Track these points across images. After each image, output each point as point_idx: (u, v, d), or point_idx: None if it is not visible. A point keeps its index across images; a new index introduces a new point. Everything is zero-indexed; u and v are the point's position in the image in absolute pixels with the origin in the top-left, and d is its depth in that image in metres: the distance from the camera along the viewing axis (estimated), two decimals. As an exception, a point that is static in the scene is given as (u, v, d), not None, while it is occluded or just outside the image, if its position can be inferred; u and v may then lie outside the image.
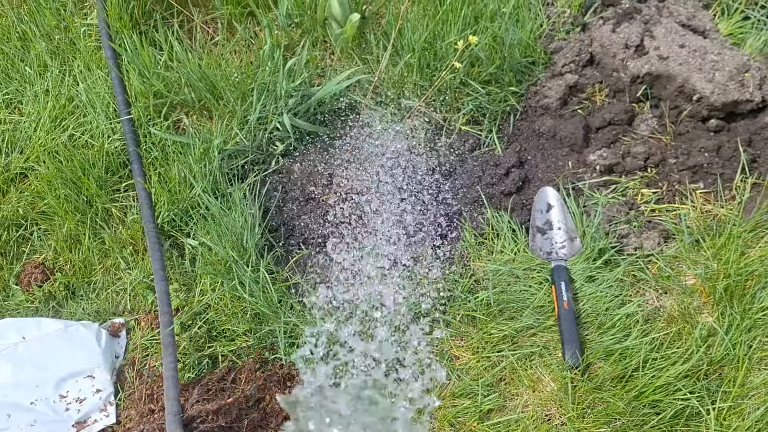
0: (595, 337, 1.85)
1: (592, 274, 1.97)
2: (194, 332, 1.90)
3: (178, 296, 1.99)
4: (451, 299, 1.91)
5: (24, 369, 1.85)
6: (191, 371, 1.86)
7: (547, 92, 2.43)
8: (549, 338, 1.87)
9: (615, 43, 2.46)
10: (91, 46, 2.46)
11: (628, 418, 1.69)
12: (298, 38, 2.56)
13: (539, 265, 2.03)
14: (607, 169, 2.27)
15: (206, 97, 2.31)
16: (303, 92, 2.40)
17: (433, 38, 2.41)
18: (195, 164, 2.13)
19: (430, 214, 2.20)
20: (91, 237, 2.09)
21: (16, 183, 2.23)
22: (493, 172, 2.36)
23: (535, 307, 1.92)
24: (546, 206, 2.19)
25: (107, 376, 1.86)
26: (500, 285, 1.97)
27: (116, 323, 1.98)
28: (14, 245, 2.12)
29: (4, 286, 2.04)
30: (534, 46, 2.47)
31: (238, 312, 1.91)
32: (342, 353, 1.59)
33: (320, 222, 2.20)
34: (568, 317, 1.85)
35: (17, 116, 2.36)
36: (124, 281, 2.04)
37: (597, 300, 1.92)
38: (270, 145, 2.38)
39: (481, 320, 1.89)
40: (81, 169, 2.15)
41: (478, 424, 1.73)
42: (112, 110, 2.32)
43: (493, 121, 2.46)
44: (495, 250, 2.08)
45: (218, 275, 1.95)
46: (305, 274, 2.05)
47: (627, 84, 2.41)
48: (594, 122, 2.39)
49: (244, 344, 1.86)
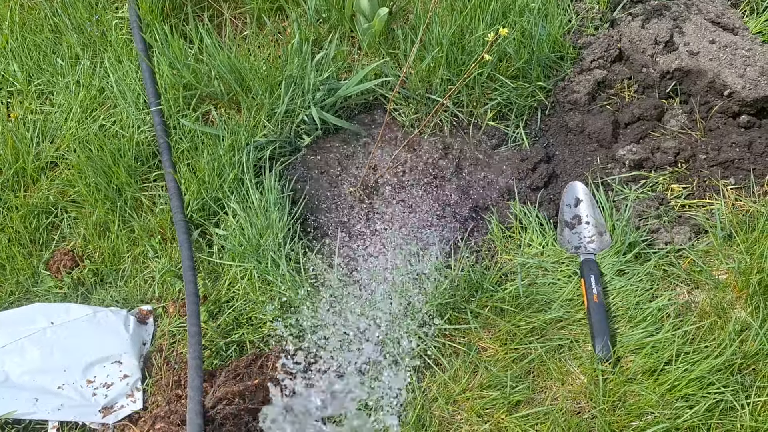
0: (625, 331, 1.82)
1: (622, 267, 1.95)
2: (222, 320, 1.90)
3: (206, 285, 1.99)
4: (479, 291, 1.90)
5: (52, 353, 1.86)
6: (217, 357, 1.86)
7: (575, 87, 2.42)
8: (578, 331, 1.85)
9: (644, 39, 2.45)
10: (122, 39, 2.49)
11: (660, 411, 1.66)
12: (325, 33, 2.57)
13: (568, 259, 2.01)
14: (636, 164, 2.25)
15: (235, 90, 2.33)
16: (330, 86, 2.41)
17: (461, 33, 2.41)
18: (224, 155, 2.14)
19: (458, 208, 2.19)
20: (120, 225, 2.10)
21: (46, 171, 2.25)
22: (521, 167, 2.35)
23: (564, 300, 1.90)
24: (574, 201, 2.17)
25: (135, 362, 1.87)
26: (529, 277, 1.95)
27: (144, 310, 1.99)
28: (44, 232, 2.13)
29: (33, 273, 2.06)
30: (562, 41, 2.46)
31: (266, 300, 1.91)
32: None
33: (347, 212, 2.20)
34: (598, 310, 1.83)
35: (48, 107, 2.39)
36: (152, 269, 2.05)
37: (627, 294, 1.90)
38: (297, 137, 2.39)
39: (510, 312, 1.87)
40: (111, 158, 2.16)
41: (506, 416, 1.71)
42: (142, 102, 2.35)
43: (520, 116, 2.45)
44: (523, 243, 2.07)
45: (248, 260, 1.95)
46: (330, 263, 2.04)
47: (656, 79, 2.39)
48: (623, 118, 2.37)
49: (272, 332, 1.86)
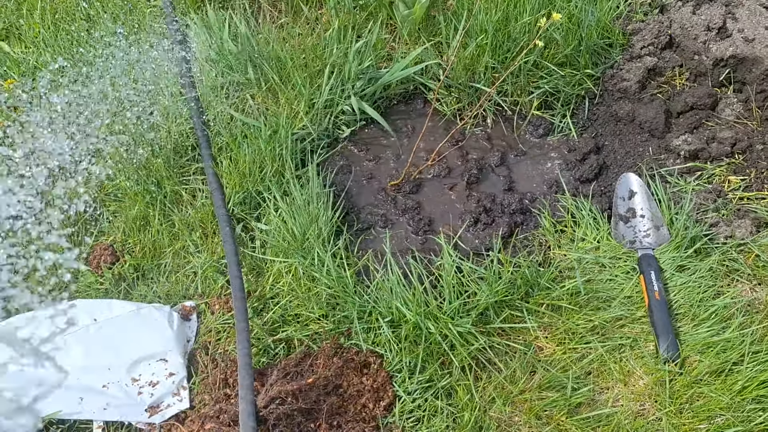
0: (689, 330, 1.75)
1: (683, 263, 1.87)
2: (268, 317, 1.85)
3: (249, 280, 1.94)
4: (535, 288, 1.83)
5: (96, 351, 1.81)
6: (265, 355, 1.80)
7: (625, 75, 2.33)
8: (639, 329, 1.78)
9: (696, 25, 2.35)
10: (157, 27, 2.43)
11: (731, 414, 1.59)
12: (363, 21, 2.49)
13: (625, 254, 1.93)
14: (691, 155, 2.16)
15: (273, 79, 2.26)
16: (370, 75, 2.34)
17: (505, 18, 2.33)
18: (265, 146, 2.08)
19: (505, 201, 2.11)
20: (160, 219, 2.05)
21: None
22: (569, 158, 2.27)
23: (624, 297, 1.82)
24: (628, 193, 2.09)
25: (180, 359, 1.81)
26: (585, 274, 1.88)
27: (187, 306, 1.93)
28: (83, 227, 2.09)
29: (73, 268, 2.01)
30: (611, 27, 2.37)
31: (311, 296, 1.86)
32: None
33: (388, 206, 2.14)
34: (660, 308, 1.75)
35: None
36: (194, 264, 2.00)
37: (689, 291, 1.82)
38: (336, 129, 2.32)
39: (567, 310, 1.80)
40: (150, 150, 2.11)
41: (566, 418, 1.65)
42: (178, 91, 2.28)
43: (567, 105, 2.37)
44: (576, 238, 1.99)
45: (293, 256, 1.89)
46: (375, 256, 1.98)
47: (709, 67, 2.30)
48: (675, 107, 2.28)
49: (320, 329, 1.80)
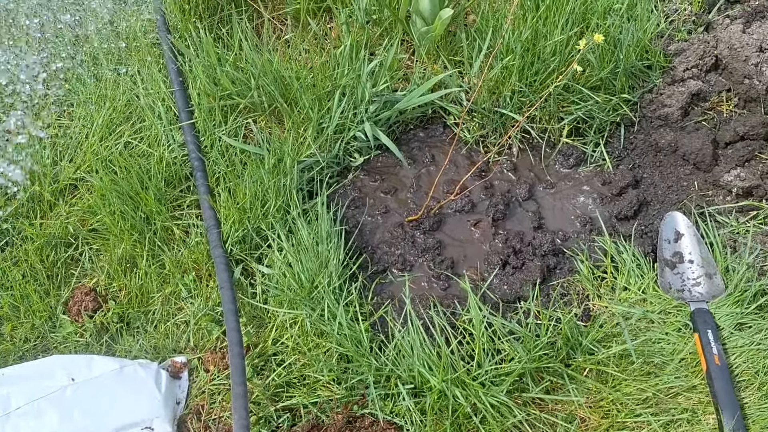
0: (756, 401, 1.52)
1: (744, 320, 1.64)
2: (269, 379, 1.62)
3: (248, 332, 1.71)
4: (577, 350, 1.60)
5: (73, 417, 1.58)
6: (266, 426, 1.57)
7: (666, 100, 2.11)
8: (696, 400, 1.55)
9: (746, 46, 2.13)
10: (148, 44, 2.20)
11: None
12: (377, 38, 2.27)
13: (675, 308, 1.70)
14: (745, 192, 1.93)
15: (278, 102, 2.04)
16: (386, 98, 2.11)
17: (534, 37, 2.10)
18: (268, 178, 1.86)
19: (534, 242, 1.89)
20: (149, 260, 1.82)
21: (65, 195, 1.97)
22: (603, 192, 2.05)
23: (678, 361, 1.59)
24: (674, 235, 1.86)
25: (168, 428, 1.58)
26: (632, 331, 1.65)
27: (177, 362, 1.70)
28: (62, 267, 1.86)
29: (50, 315, 1.78)
30: (651, 48, 2.15)
31: (320, 355, 1.63)
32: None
33: (406, 245, 1.91)
34: (722, 375, 1.52)
35: (67, 120, 2.11)
36: (186, 312, 1.77)
37: (753, 354, 1.59)
38: (347, 156, 2.10)
39: (613, 377, 1.57)
40: (139, 181, 1.88)
41: (615, 506, 1.42)
42: (172, 115, 2.06)
43: (600, 133, 2.15)
44: (618, 286, 1.76)
45: (299, 305, 1.66)
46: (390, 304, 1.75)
47: (762, 92, 2.07)
48: (723, 136, 2.05)
49: (330, 397, 1.57)
